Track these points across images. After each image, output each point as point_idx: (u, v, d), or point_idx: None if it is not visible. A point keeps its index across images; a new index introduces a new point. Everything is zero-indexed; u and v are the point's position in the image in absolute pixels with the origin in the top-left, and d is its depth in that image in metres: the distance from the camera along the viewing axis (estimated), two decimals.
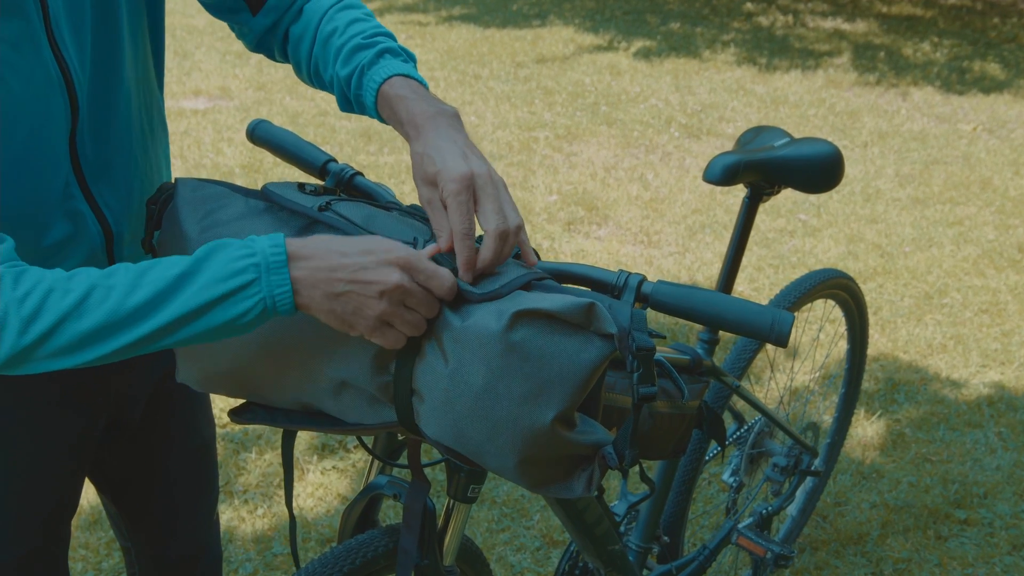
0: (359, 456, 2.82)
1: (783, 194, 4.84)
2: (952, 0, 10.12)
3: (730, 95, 6.78)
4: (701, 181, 5.07)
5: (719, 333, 1.91)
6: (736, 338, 2.70)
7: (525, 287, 1.03)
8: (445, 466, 1.29)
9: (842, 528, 2.62)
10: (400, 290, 0.98)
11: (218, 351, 1.13)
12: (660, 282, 1.09)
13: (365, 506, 1.37)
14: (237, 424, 1.19)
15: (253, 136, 1.46)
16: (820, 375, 3.31)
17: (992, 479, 2.81)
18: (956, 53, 8.14)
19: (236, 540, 2.49)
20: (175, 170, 4.98)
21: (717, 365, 1.75)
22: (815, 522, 2.65)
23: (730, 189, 4.64)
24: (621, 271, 1.12)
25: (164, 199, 1.19)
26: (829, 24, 9.22)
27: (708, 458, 2.09)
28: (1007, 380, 3.32)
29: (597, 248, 4.26)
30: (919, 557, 2.51)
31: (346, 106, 1.29)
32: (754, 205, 1.89)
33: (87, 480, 1.46)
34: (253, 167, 5.10)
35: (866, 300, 2.42)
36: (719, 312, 1.06)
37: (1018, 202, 4.92)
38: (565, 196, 4.84)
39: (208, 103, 6.34)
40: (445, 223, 1.07)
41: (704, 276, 4.02)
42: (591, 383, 1.01)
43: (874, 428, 3.05)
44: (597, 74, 7.25)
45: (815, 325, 3.46)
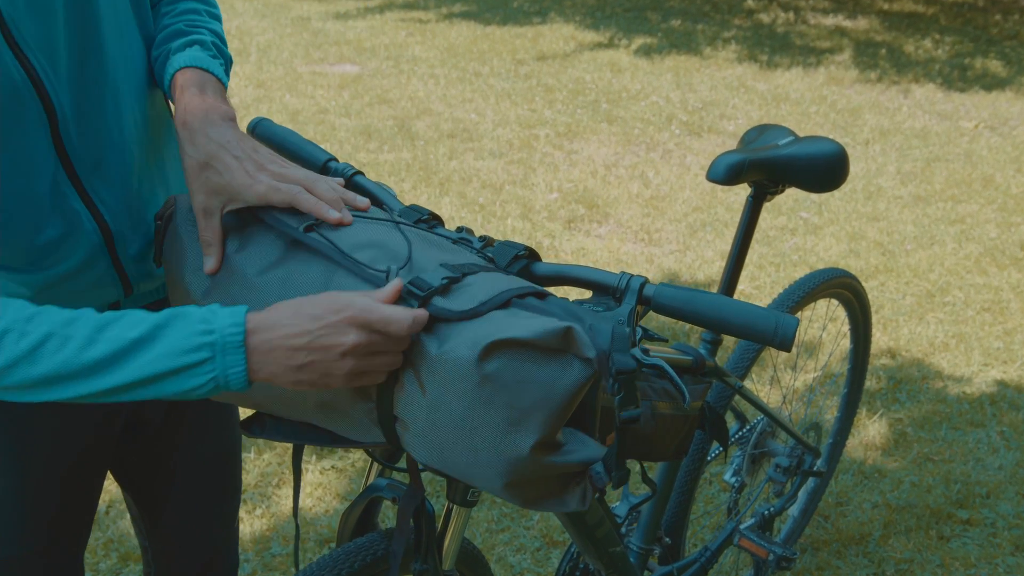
0: (358, 456, 2.81)
1: (784, 192, 4.82)
2: None
3: (731, 92, 6.76)
4: (702, 179, 5.07)
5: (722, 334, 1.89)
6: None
7: (505, 305, 1.01)
8: None
9: (844, 528, 2.61)
10: (360, 347, 0.98)
11: None
12: (663, 285, 1.08)
13: (364, 509, 1.35)
14: (247, 437, 1.19)
15: (254, 134, 1.45)
16: (823, 375, 3.30)
17: (995, 479, 2.80)
18: (958, 50, 8.12)
19: None
20: None
21: (720, 365, 1.74)
22: (817, 522, 2.64)
23: (731, 187, 4.63)
24: (623, 273, 1.11)
25: (168, 214, 1.19)
26: (830, 21, 9.20)
27: (710, 458, 2.08)
28: (1009, 379, 3.31)
29: (598, 246, 4.25)
30: (921, 557, 2.50)
31: (159, 85, 1.29)
32: (758, 204, 1.87)
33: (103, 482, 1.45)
34: None
35: (868, 298, 2.40)
36: (723, 316, 1.05)
37: (1020, 200, 4.90)
38: (566, 194, 4.82)
39: None
40: (218, 236, 1.12)
41: (705, 274, 4.01)
42: (571, 408, 0.99)
43: (876, 427, 3.04)
44: (598, 71, 7.23)
45: (818, 324, 3.45)
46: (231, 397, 1.18)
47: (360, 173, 1.31)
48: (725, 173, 1.70)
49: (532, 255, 1.18)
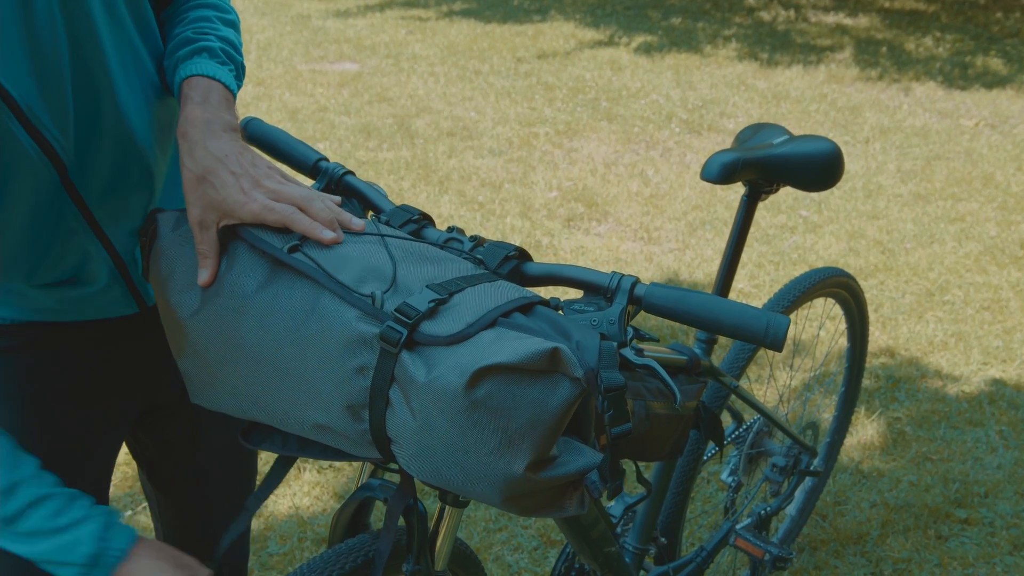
0: None
1: (784, 190, 4.82)
2: None
3: (731, 90, 6.75)
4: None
5: None
6: None
7: (491, 324, 1.01)
8: None
9: (842, 528, 2.60)
10: None
11: (218, 384, 1.15)
12: (654, 285, 1.07)
13: (356, 509, 1.35)
14: (248, 446, 1.20)
15: (244, 134, 1.44)
16: (820, 373, 3.29)
17: (993, 478, 2.79)
18: (958, 48, 8.11)
19: None
20: None
21: (715, 365, 1.73)
22: (814, 521, 2.63)
23: (731, 185, 4.62)
24: (614, 273, 1.10)
25: (151, 230, 1.18)
26: (831, 19, 9.19)
27: (706, 458, 2.08)
28: (1008, 378, 3.30)
29: (597, 244, 4.24)
30: (919, 557, 2.49)
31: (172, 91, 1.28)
32: (752, 203, 1.87)
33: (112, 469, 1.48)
34: None
35: (867, 297, 2.40)
36: (714, 316, 1.04)
37: (1020, 198, 4.90)
38: (565, 192, 4.81)
39: None
40: (214, 249, 1.11)
41: (704, 273, 4.00)
42: (562, 425, 0.98)
43: (874, 426, 3.03)
44: (598, 69, 7.23)
45: (815, 323, 3.44)
46: (246, 434, 1.20)
47: (351, 173, 1.30)
48: (719, 172, 1.69)
49: (523, 255, 1.17)
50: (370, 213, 1.30)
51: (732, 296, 3.42)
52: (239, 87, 1.25)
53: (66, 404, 1.31)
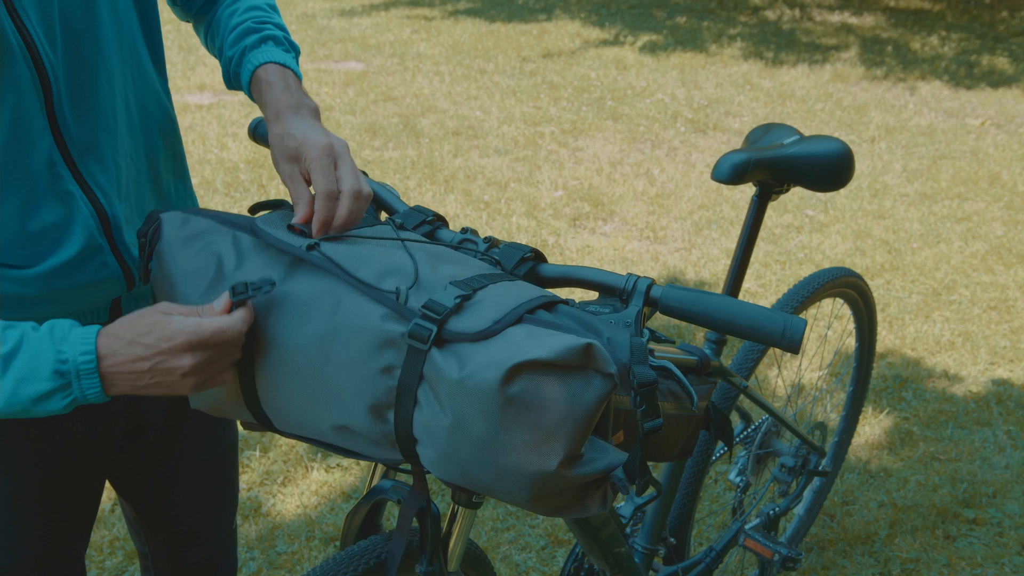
0: None
1: (790, 190, 4.81)
2: None
3: (736, 89, 6.74)
4: (707, 176, 5.05)
5: None
6: None
7: (519, 320, 1.00)
8: None
9: (849, 527, 2.60)
10: (197, 366, 1.03)
11: (224, 394, 1.14)
12: (670, 286, 1.07)
13: (369, 511, 1.35)
14: (248, 431, 1.18)
15: (255, 135, 1.45)
16: (828, 373, 3.29)
17: (1001, 478, 2.79)
18: (964, 47, 8.09)
19: (240, 539, 2.48)
20: None
21: (724, 365, 1.73)
22: (822, 521, 2.63)
23: (736, 185, 4.62)
24: (630, 275, 1.10)
25: (153, 231, 1.16)
26: (836, 18, 9.18)
27: (715, 458, 2.07)
28: (1016, 378, 3.30)
29: (603, 244, 4.24)
30: (927, 557, 2.49)
31: (228, 82, 1.36)
32: (763, 204, 1.86)
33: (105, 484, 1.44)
34: (257, 162, 5.08)
35: (874, 297, 2.39)
36: (730, 318, 1.04)
37: None
38: (571, 191, 4.81)
39: (213, 98, 6.32)
40: (305, 193, 1.16)
41: (710, 272, 4.00)
42: (595, 421, 0.98)
43: (882, 426, 3.03)
44: (603, 68, 7.22)
45: (823, 323, 3.44)
46: (248, 424, 1.18)
47: (363, 173, 1.30)
48: (730, 173, 1.69)
49: (538, 257, 1.18)
50: (384, 214, 1.31)
51: (739, 296, 3.42)
52: (300, 71, 1.35)
53: (51, 423, 1.28)
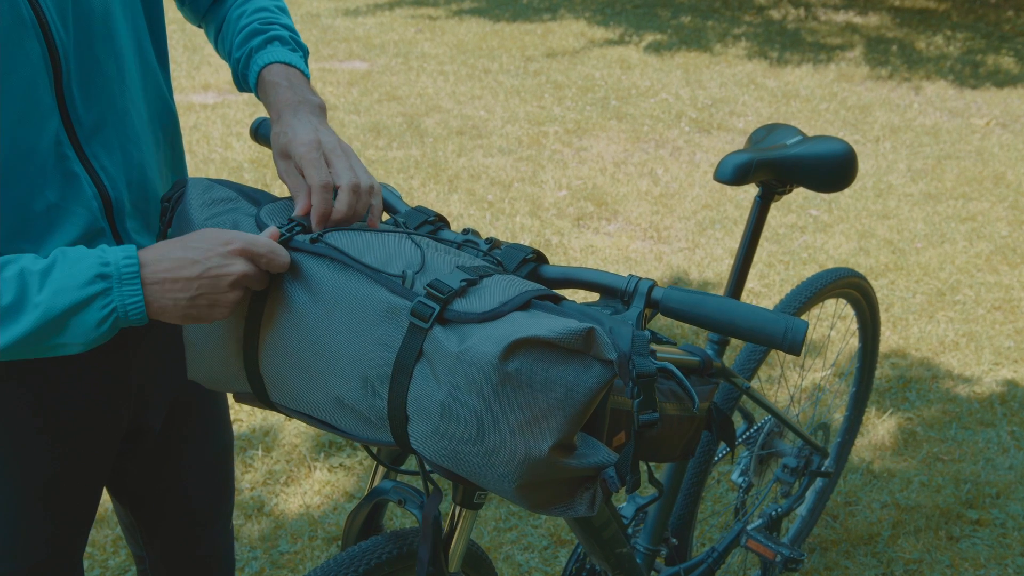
0: (365, 454, 2.81)
1: (793, 190, 4.81)
2: None
3: (741, 89, 6.74)
4: (711, 176, 5.04)
5: None
6: None
7: (524, 306, 1.01)
8: None
9: (852, 528, 2.60)
10: (247, 276, 1.04)
11: (224, 355, 1.13)
12: (671, 288, 1.07)
13: (369, 511, 1.35)
14: (240, 403, 1.19)
15: (256, 135, 1.45)
16: (831, 374, 3.29)
17: (1005, 479, 2.78)
18: (969, 47, 8.08)
19: (243, 538, 2.48)
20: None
21: (727, 366, 1.73)
22: (825, 522, 2.63)
23: (741, 185, 4.62)
24: (631, 276, 1.10)
25: (176, 197, 1.18)
26: (841, 17, 9.17)
27: (717, 459, 2.07)
28: (1020, 378, 3.29)
29: (606, 244, 4.24)
30: (930, 558, 2.49)
31: (238, 84, 1.37)
32: (766, 204, 1.86)
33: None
34: (262, 162, 5.09)
35: (877, 297, 2.39)
36: (731, 320, 1.04)
37: None
38: (574, 191, 4.81)
39: (217, 97, 6.33)
40: (302, 184, 1.16)
41: (714, 272, 3.99)
42: (590, 410, 0.98)
43: (885, 427, 3.02)
44: (607, 68, 7.22)
45: (826, 323, 3.44)
46: (246, 399, 1.18)
47: None
48: (733, 173, 1.69)
49: (540, 258, 1.18)
50: (385, 214, 1.31)
51: (742, 296, 3.42)
52: (308, 70, 1.35)
53: (52, 427, 1.28)
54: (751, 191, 4.77)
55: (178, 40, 7.70)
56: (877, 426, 3.02)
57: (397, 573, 1.28)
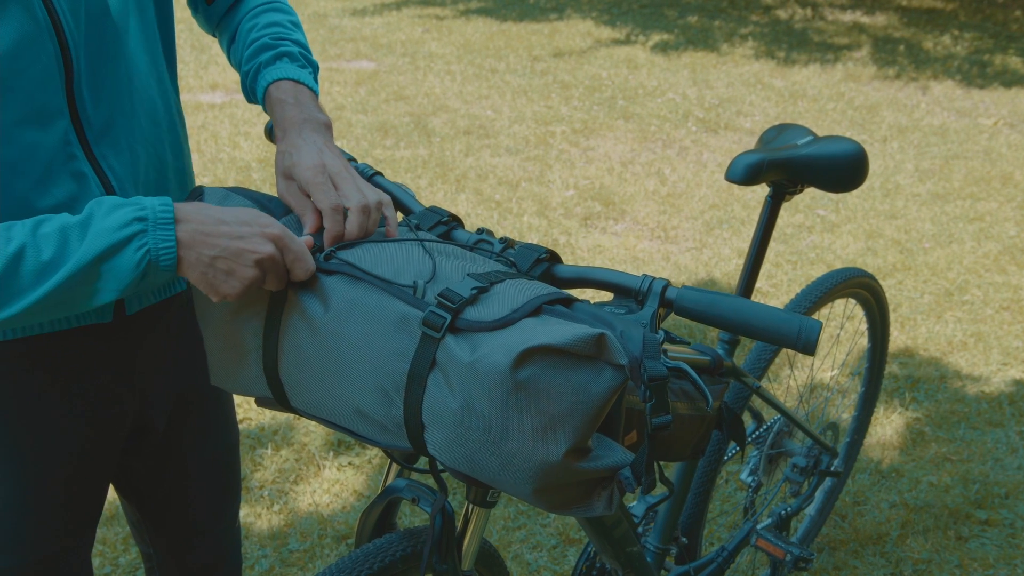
0: (375, 453, 2.81)
1: (804, 190, 4.80)
2: None
3: (748, 89, 6.73)
4: (719, 176, 5.05)
5: None
6: None
7: (535, 312, 1.01)
8: None
9: (861, 528, 2.60)
10: (271, 261, 1.06)
11: (245, 363, 1.15)
12: (685, 288, 1.08)
13: (383, 510, 1.36)
14: (261, 408, 1.20)
15: (271, 135, 1.46)
16: (840, 373, 3.29)
17: (1013, 479, 2.78)
18: (977, 46, 8.06)
19: (252, 536, 2.49)
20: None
21: (737, 365, 1.74)
22: (834, 521, 2.63)
23: (749, 185, 4.62)
24: (645, 276, 1.10)
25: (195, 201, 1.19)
26: (848, 17, 9.16)
27: (727, 458, 2.08)
28: None
29: (614, 243, 4.24)
30: (939, 558, 2.49)
31: (247, 97, 1.37)
32: (776, 204, 1.87)
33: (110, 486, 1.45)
34: (269, 161, 5.10)
35: (887, 298, 2.39)
36: (746, 319, 1.04)
37: None
38: (582, 191, 4.82)
39: (225, 97, 6.34)
40: (306, 204, 1.17)
41: (722, 272, 4.00)
42: (603, 414, 0.99)
43: (893, 426, 3.02)
44: (614, 68, 7.22)
45: (835, 322, 3.44)
46: (267, 403, 1.19)
47: (379, 174, 1.31)
48: (744, 173, 1.69)
49: (553, 257, 1.18)
50: (400, 214, 1.31)
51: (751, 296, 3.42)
52: (318, 87, 1.35)
53: (57, 421, 1.29)
54: (758, 191, 4.77)
55: (186, 40, 7.72)
56: (886, 426, 3.03)
57: (410, 571, 1.29)
